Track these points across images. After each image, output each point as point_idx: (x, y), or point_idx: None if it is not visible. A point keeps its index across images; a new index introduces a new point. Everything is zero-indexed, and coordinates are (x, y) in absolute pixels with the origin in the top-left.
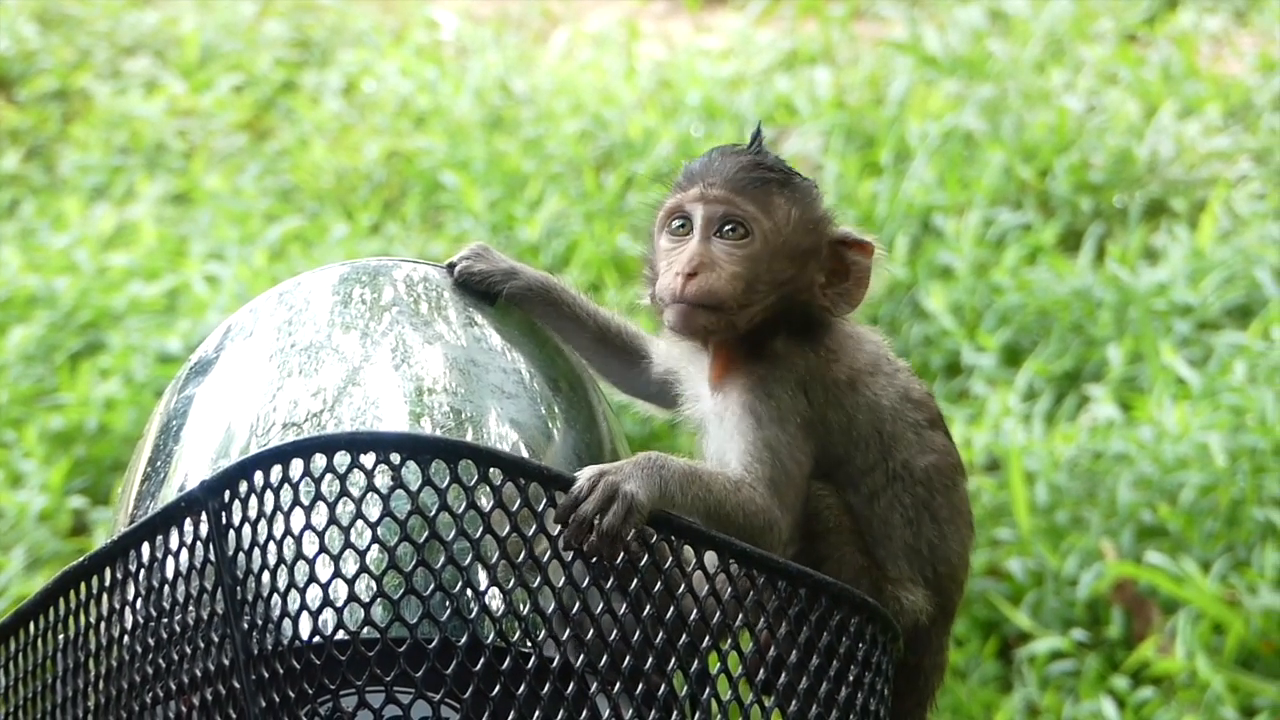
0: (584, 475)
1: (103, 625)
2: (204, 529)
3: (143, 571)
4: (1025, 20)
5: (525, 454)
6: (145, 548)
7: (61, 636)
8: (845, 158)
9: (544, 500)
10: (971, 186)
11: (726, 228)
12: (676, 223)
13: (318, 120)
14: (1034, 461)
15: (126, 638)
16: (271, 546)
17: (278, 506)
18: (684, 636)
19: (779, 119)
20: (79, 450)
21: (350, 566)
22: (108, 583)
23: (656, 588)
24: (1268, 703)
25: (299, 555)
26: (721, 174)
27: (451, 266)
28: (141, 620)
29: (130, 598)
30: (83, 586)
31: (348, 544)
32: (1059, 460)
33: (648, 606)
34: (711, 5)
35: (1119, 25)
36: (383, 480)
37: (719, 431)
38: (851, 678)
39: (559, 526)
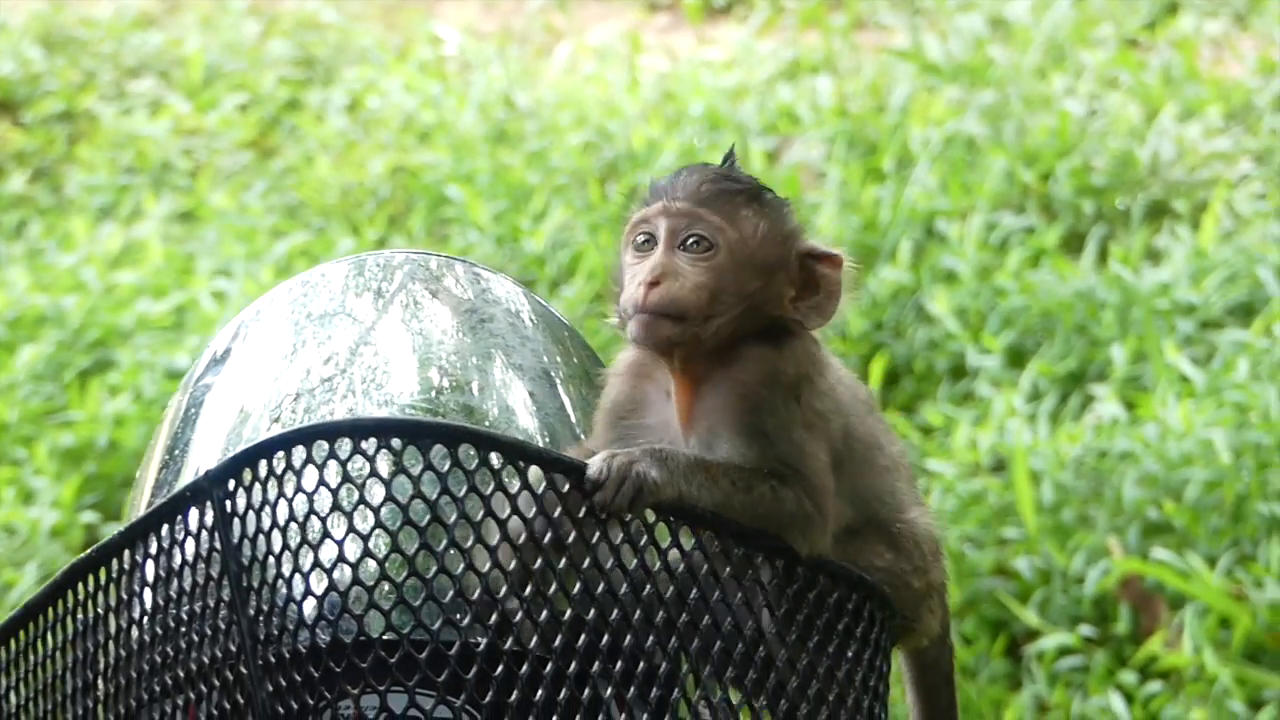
0: (596, 460)
1: (111, 615)
2: (210, 517)
3: (150, 561)
4: (1026, 27)
5: (531, 402)
6: (153, 537)
7: (70, 628)
8: (848, 165)
9: (544, 483)
10: (974, 191)
11: (690, 240)
12: (641, 238)
13: (322, 137)
14: (1039, 461)
15: (134, 627)
16: (276, 533)
17: (281, 493)
18: (683, 615)
19: (782, 128)
20: (89, 467)
21: (353, 551)
22: (115, 573)
23: (656, 567)
24: (1275, 695)
25: (303, 541)
26: (686, 188)
27: None
28: (150, 609)
29: (139, 587)
30: (90, 578)
31: (350, 529)
32: (1064, 459)
33: (647, 586)
34: (714, 17)
35: (1119, 30)
36: (384, 465)
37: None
38: (851, 654)
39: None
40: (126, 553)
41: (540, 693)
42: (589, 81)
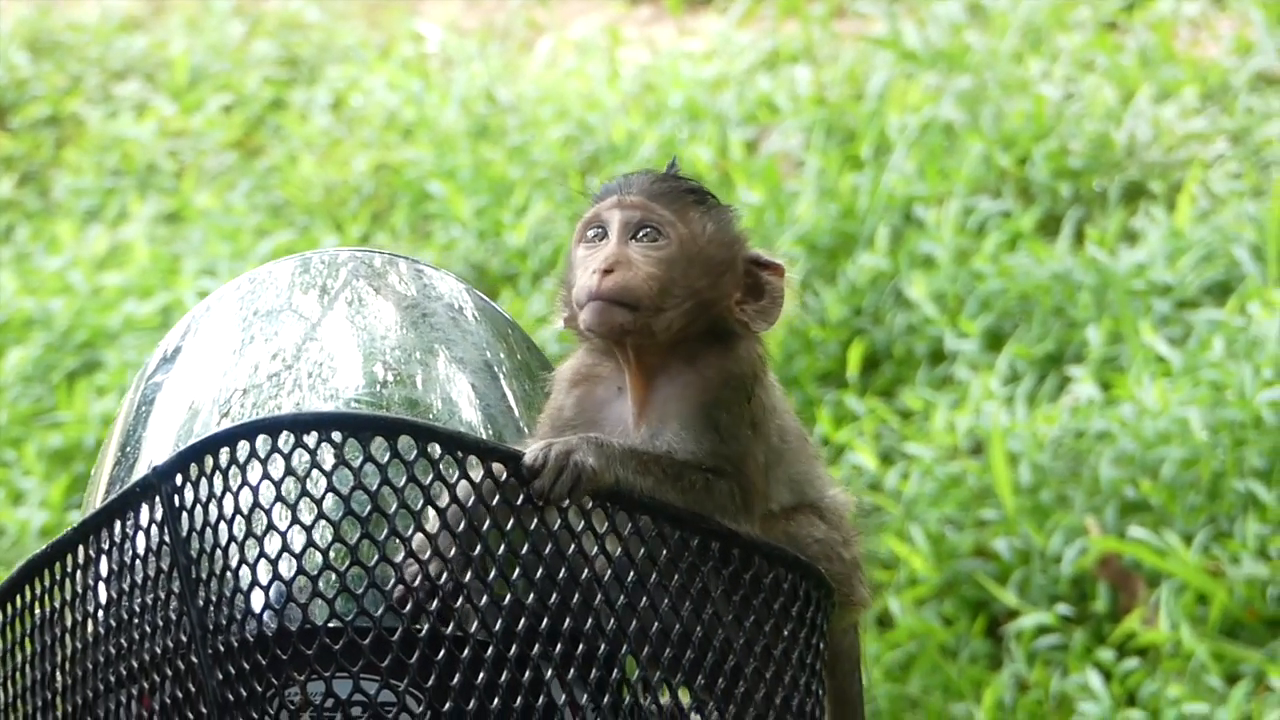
0: (534, 448)
1: (67, 609)
2: (159, 511)
3: (103, 555)
4: (1003, 12)
5: (473, 394)
6: (105, 532)
7: (28, 623)
8: (826, 153)
9: (482, 471)
10: (951, 176)
11: (642, 232)
12: (592, 232)
13: (306, 136)
14: (1017, 443)
15: (90, 620)
16: (222, 526)
17: (227, 487)
18: (621, 598)
19: (761, 117)
20: (78, 467)
21: (298, 542)
22: (70, 568)
23: (594, 551)
24: (1252, 669)
25: (249, 533)
26: (639, 185)
27: None
28: (104, 602)
29: (93, 581)
30: (46, 573)
31: (294, 521)
32: (1042, 441)
33: (585, 570)
34: (695, 8)
35: (1097, 14)
36: (326, 458)
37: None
38: (787, 632)
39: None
40: (80, 548)
41: (482, 675)
42: (570, 75)
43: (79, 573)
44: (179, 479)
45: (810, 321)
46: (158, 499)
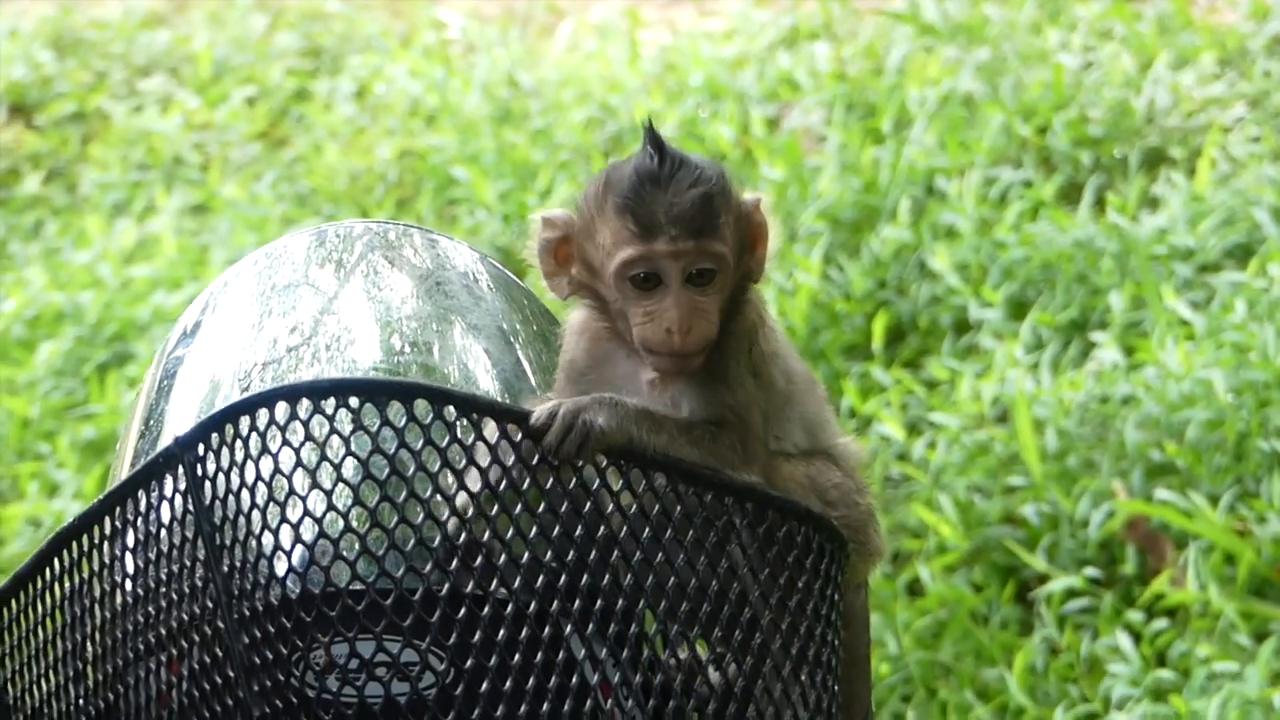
0: (542, 408)
1: (96, 580)
2: (183, 481)
3: (130, 526)
4: None
5: (488, 360)
6: (130, 503)
7: (58, 594)
8: (847, 127)
9: (498, 433)
10: (972, 148)
11: (697, 270)
12: (642, 274)
13: (331, 125)
14: (1043, 409)
15: (118, 590)
16: (245, 493)
17: (248, 455)
18: (637, 554)
19: (782, 94)
20: (111, 458)
21: (318, 506)
22: (97, 539)
23: (609, 509)
24: (1279, 627)
25: (270, 499)
26: (682, 220)
27: None
28: (131, 572)
29: (120, 551)
30: (74, 545)
31: (315, 485)
32: (1067, 406)
33: (602, 527)
34: None
35: None
36: (344, 424)
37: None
38: (801, 584)
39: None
40: (106, 519)
41: (502, 632)
42: (591, 58)
43: (106, 544)
44: (201, 448)
45: (835, 295)
46: (181, 468)
